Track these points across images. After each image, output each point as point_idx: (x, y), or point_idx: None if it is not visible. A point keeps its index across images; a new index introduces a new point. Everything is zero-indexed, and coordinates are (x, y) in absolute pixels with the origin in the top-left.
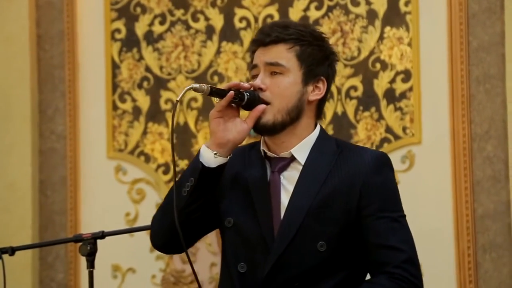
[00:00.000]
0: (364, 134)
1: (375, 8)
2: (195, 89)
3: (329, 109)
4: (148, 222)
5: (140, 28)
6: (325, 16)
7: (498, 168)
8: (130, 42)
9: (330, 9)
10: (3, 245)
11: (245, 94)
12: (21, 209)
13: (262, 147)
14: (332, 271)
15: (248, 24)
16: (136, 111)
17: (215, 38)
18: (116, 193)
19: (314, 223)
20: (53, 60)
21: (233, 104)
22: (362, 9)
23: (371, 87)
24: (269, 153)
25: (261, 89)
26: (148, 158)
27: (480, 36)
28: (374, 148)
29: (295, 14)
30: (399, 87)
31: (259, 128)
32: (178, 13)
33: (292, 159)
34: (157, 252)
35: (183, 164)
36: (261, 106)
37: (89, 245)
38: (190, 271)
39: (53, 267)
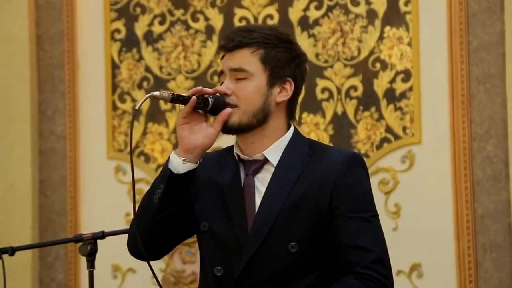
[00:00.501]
0: (364, 134)
1: (375, 8)
2: (156, 97)
3: (329, 109)
4: None
5: (140, 28)
6: (324, 16)
7: (498, 168)
8: (129, 42)
9: (330, 8)
10: (3, 245)
11: (209, 99)
12: (21, 209)
13: (236, 151)
14: (304, 272)
15: (248, 24)
16: (135, 114)
17: (215, 38)
18: (116, 193)
19: (285, 224)
20: (52, 60)
21: (199, 110)
22: (362, 9)
23: (371, 87)
24: (242, 156)
25: (226, 94)
26: (148, 158)
27: (480, 36)
28: (374, 148)
29: (294, 14)
30: (399, 87)
31: (226, 129)
32: (178, 13)
33: (265, 161)
34: None
35: None
36: (227, 110)
37: (89, 245)
38: (190, 271)
39: (53, 267)
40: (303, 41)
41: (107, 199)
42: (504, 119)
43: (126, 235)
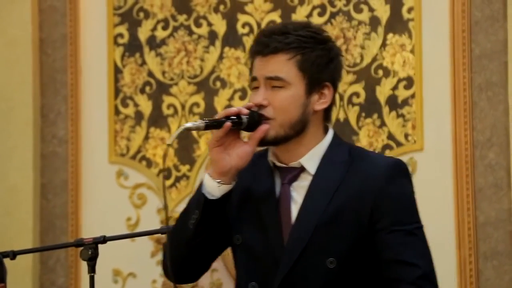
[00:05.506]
0: (366, 141)
1: (378, 15)
2: (189, 129)
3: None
4: (149, 227)
5: (143, 33)
6: (327, 22)
7: (500, 176)
8: (132, 47)
9: (333, 15)
10: (3, 249)
11: (244, 118)
12: (22, 213)
13: (271, 158)
14: None
15: (251, 30)
16: (138, 116)
17: (218, 43)
18: (118, 197)
19: (323, 239)
20: (55, 64)
21: (233, 128)
22: (365, 16)
23: (373, 93)
24: (278, 164)
25: (263, 105)
26: (149, 163)
27: (482, 44)
28: None
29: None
30: (402, 94)
31: (261, 143)
32: (181, 18)
33: (302, 169)
34: (158, 257)
35: (184, 169)
36: (264, 127)
37: (90, 250)
38: None
39: (54, 271)
40: None
41: (108, 203)
42: (506, 127)
43: (127, 240)
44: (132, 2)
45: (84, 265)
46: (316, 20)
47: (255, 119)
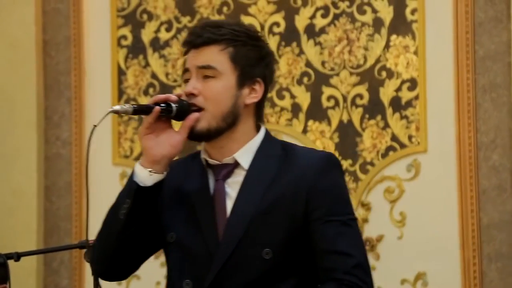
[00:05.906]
0: (370, 142)
1: (381, 16)
2: (116, 112)
3: (334, 117)
4: None
5: (146, 35)
6: (331, 24)
7: (504, 177)
8: (136, 49)
9: (336, 17)
10: (8, 251)
11: (173, 105)
12: (26, 215)
13: (203, 156)
14: (280, 279)
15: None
16: (142, 117)
17: None
18: None
19: (258, 230)
20: (59, 66)
21: (162, 116)
22: (368, 17)
23: (377, 95)
24: (211, 161)
25: (193, 94)
26: None
27: (486, 45)
28: (379, 156)
29: (301, 22)
30: (405, 95)
31: (193, 136)
32: (185, 20)
33: (236, 164)
34: (162, 259)
35: None
36: (194, 115)
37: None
38: None
39: (58, 273)
40: (309, 49)
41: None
42: (510, 128)
43: None
44: (135, 4)
45: (88, 267)
46: (320, 21)
47: (185, 107)
